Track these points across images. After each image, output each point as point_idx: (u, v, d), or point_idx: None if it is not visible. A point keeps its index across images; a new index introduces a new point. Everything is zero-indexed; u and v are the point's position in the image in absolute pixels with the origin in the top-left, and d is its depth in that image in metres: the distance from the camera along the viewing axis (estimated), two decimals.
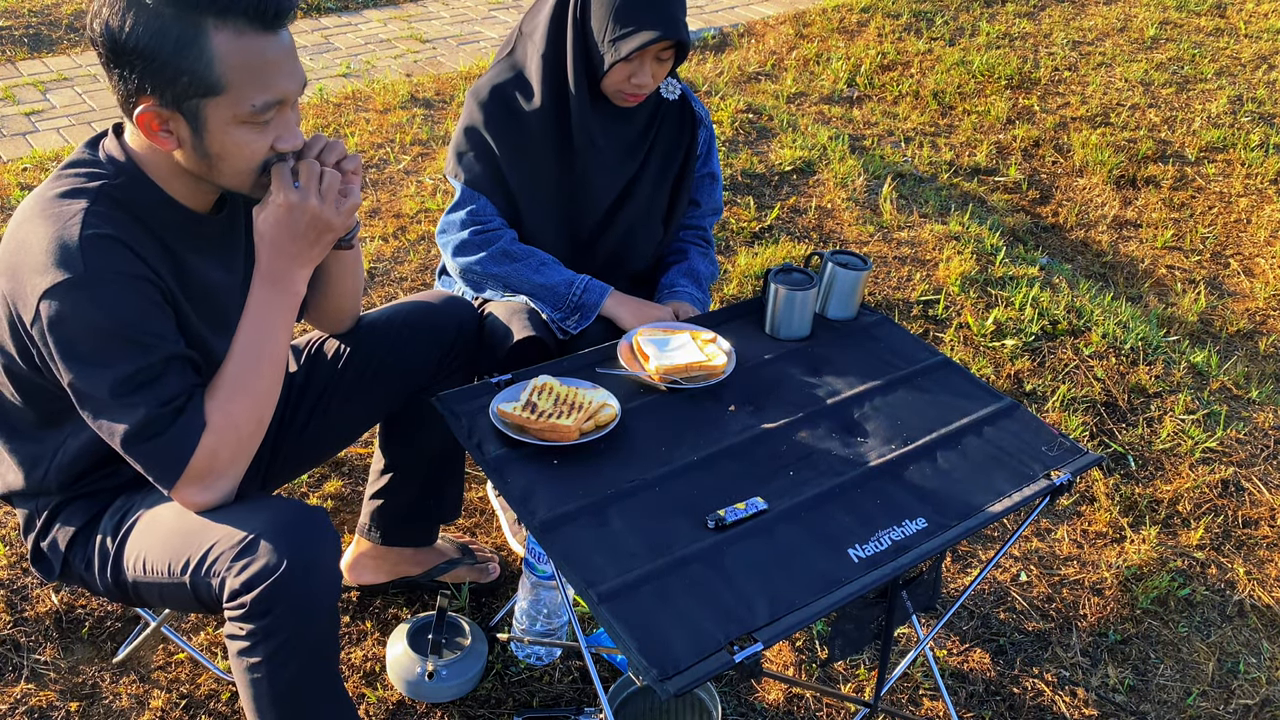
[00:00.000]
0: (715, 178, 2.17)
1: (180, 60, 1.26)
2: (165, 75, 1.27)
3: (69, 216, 1.31)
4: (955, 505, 1.55)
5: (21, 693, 1.91)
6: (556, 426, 1.57)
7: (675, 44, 1.83)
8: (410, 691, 1.94)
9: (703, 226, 2.19)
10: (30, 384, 1.43)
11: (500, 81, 1.94)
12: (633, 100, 1.91)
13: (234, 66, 1.27)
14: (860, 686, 2.06)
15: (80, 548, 1.54)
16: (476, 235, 1.95)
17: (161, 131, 1.33)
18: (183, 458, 1.37)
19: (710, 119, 2.13)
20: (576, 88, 1.88)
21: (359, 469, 2.50)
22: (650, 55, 1.83)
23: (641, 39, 1.77)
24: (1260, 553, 2.47)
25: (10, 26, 5.08)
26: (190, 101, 1.29)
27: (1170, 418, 2.83)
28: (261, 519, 1.37)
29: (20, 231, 1.34)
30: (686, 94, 2.06)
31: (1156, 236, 3.94)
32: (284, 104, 1.35)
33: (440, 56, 5.14)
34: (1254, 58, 5.55)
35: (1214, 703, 2.11)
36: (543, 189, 1.97)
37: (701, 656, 1.27)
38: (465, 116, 1.97)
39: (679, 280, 2.11)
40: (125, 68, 1.28)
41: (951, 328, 3.13)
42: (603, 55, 1.82)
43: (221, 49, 1.26)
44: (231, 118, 1.31)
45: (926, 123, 4.66)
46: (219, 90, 1.28)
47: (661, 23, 1.77)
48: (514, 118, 1.93)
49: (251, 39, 1.28)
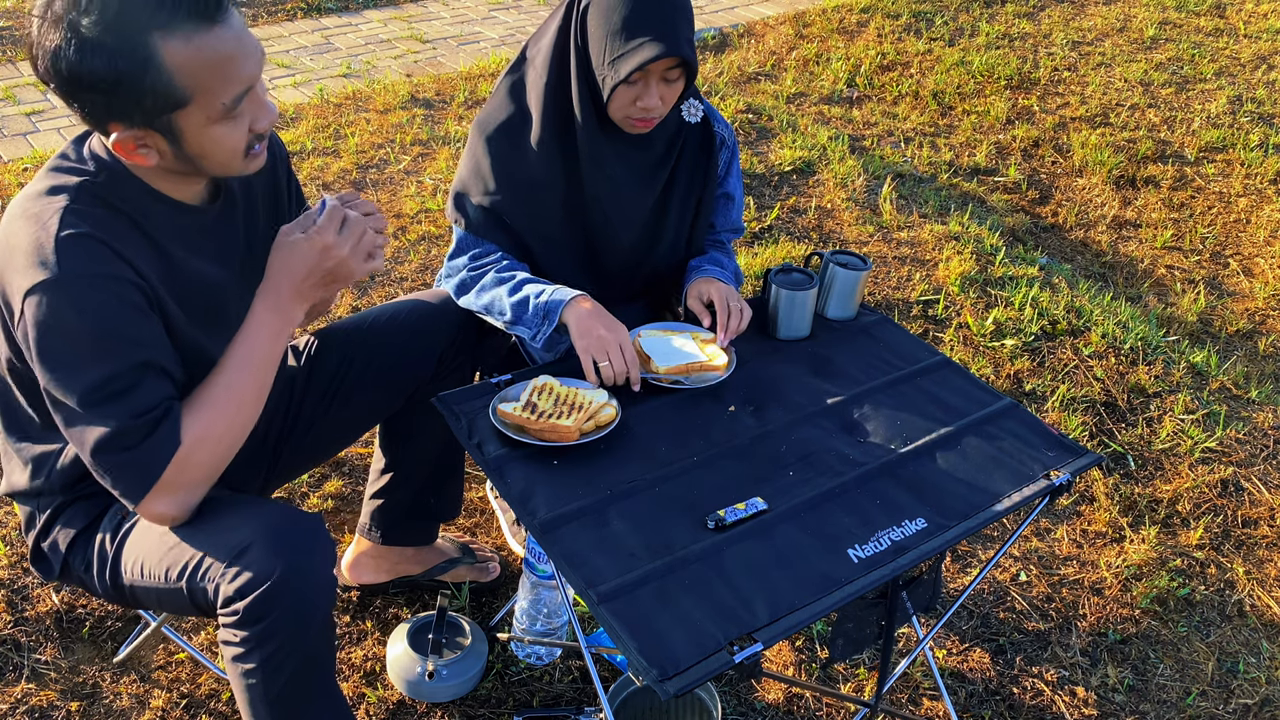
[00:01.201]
0: (732, 198, 2.05)
1: (139, 82, 1.22)
2: (129, 100, 1.23)
3: (48, 215, 1.29)
4: (955, 505, 1.55)
5: (22, 692, 1.91)
6: (556, 426, 1.57)
7: (682, 63, 1.69)
8: (410, 691, 1.95)
9: (719, 241, 2.10)
10: (32, 384, 1.42)
11: (504, 118, 1.82)
12: (642, 126, 1.76)
13: (193, 73, 1.24)
14: (860, 686, 2.07)
15: (80, 549, 1.54)
16: (471, 271, 1.85)
17: (139, 149, 1.30)
18: (153, 473, 1.35)
19: (735, 139, 2.02)
20: (583, 116, 1.76)
21: (359, 469, 2.50)
22: (655, 76, 1.70)
23: (641, 57, 1.63)
24: (1260, 553, 2.47)
25: (10, 27, 5.08)
26: (161, 118, 1.26)
27: (1170, 418, 2.83)
28: (256, 525, 1.37)
29: (6, 231, 1.33)
30: (710, 115, 1.93)
31: (1156, 236, 3.94)
32: (251, 89, 1.32)
33: (440, 57, 5.14)
34: (1253, 58, 5.56)
35: (1213, 702, 2.11)
36: (553, 228, 1.87)
37: (701, 656, 1.27)
38: (469, 154, 1.86)
39: (704, 264, 2.00)
40: (84, 102, 1.24)
41: (951, 328, 3.14)
42: (602, 79, 1.70)
43: (176, 59, 1.22)
44: (205, 120, 1.29)
45: (926, 123, 4.66)
46: (186, 101, 1.25)
47: (662, 39, 1.63)
48: (518, 156, 1.82)
49: (202, 38, 1.23)
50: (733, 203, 2.06)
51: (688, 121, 1.89)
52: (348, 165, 3.88)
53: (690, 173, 1.94)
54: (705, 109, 1.90)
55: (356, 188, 3.76)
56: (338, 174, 3.83)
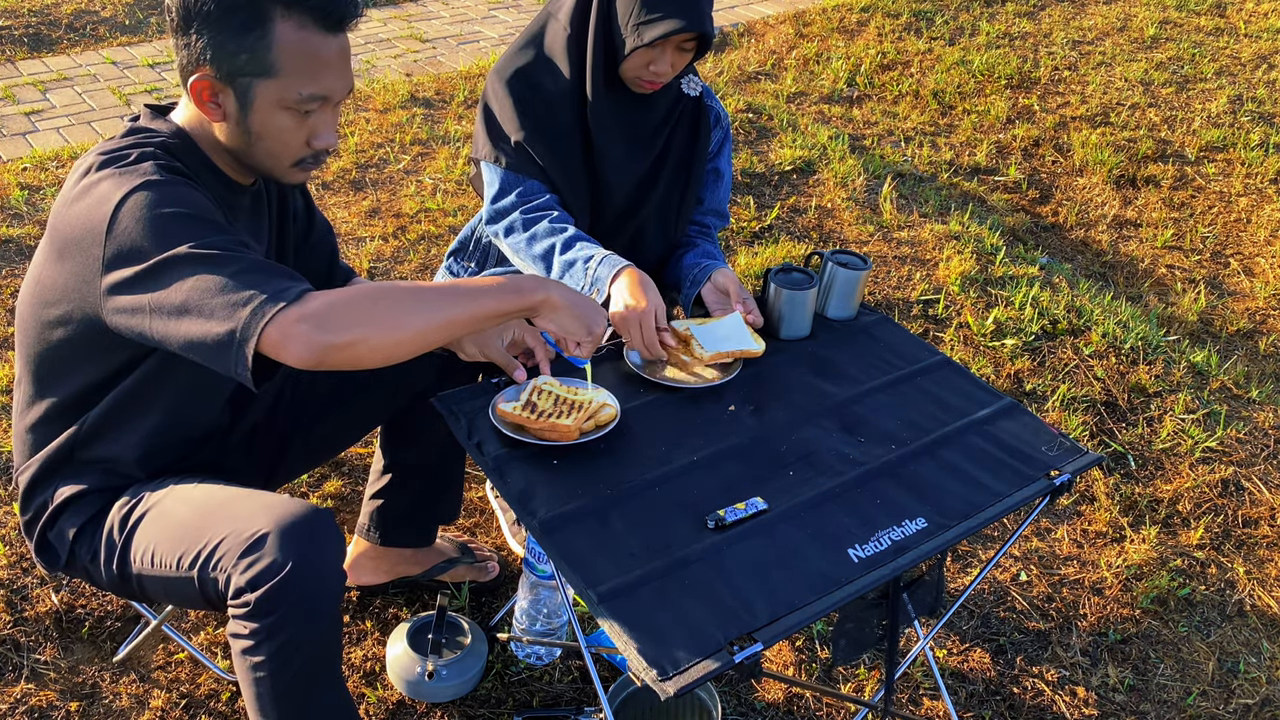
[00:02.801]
0: (720, 174, 2.14)
1: (242, 39, 1.33)
2: (226, 50, 1.34)
3: (133, 167, 1.34)
4: (955, 505, 1.55)
5: (21, 692, 1.91)
6: (556, 426, 1.57)
7: (698, 36, 1.81)
8: (410, 691, 1.94)
9: (704, 223, 2.17)
10: (92, 331, 1.40)
11: (524, 63, 1.91)
12: (649, 87, 1.88)
13: (289, 55, 1.35)
14: (860, 686, 2.07)
15: (87, 539, 1.54)
16: (525, 214, 1.91)
17: (211, 103, 1.39)
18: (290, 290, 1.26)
19: (729, 120, 2.10)
20: (593, 70, 1.86)
21: (359, 469, 2.50)
22: (672, 44, 1.81)
23: (666, 26, 1.75)
24: (1260, 552, 2.47)
25: (10, 26, 5.08)
26: (243, 79, 1.36)
27: (1170, 417, 2.83)
28: (269, 517, 1.37)
29: (88, 181, 1.35)
30: (706, 92, 2.05)
31: (1156, 236, 3.94)
32: (328, 101, 1.42)
33: (440, 56, 5.14)
34: (1254, 57, 5.55)
35: (1214, 702, 2.11)
36: (571, 170, 1.95)
37: (701, 656, 1.27)
38: (492, 98, 1.93)
39: (702, 259, 2.05)
40: (191, 36, 1.35)
41: (951, 327, 3.13)
42: (624, 39, 1.81)
43: (282, 37, 1.34)
44: (277, 101, 1.38)
45: (926, 122, 4.66)
46: (271, 74, 1.36)
47: (688, 13, 1.75)
48: (540, 99, 1.91)
49: (311, 34, 1.36)
50: (721, 180, 2.14)
51: (686, 94, 2.01)
52: (347, 165, 3.88)
53: (684, 142, 2.04)
54: (702, 86, 2.03)
55: (356, 187, 3.76)
56: (337, 174, 3.83)
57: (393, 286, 1.34)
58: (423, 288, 1.36)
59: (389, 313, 1.30)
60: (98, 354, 1.46)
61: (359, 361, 1.28)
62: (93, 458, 1.54)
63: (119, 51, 4.97)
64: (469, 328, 1.38)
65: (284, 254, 1.70)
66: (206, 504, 1.47)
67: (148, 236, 1.28)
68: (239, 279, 1.26)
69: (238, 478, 1.61)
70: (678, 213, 2.09)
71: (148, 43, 5.09)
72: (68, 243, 1.36)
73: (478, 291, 1.39)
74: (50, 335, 1.46)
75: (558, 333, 1.54)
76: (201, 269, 1.27)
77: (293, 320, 1.23)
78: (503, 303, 1.42)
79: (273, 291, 1.25)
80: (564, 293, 1.50)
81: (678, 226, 2.11)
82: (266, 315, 1.23)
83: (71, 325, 1.42)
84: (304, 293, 1.27)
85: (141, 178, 1.32)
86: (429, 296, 1.34)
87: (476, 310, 1.38)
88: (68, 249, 1.36)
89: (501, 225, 1.92)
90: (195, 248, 1.27)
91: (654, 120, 1.98)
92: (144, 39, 5.13)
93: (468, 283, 1.41)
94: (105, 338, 1.39)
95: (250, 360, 1.24)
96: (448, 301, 1.36)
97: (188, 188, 1.35)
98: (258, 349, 1.24)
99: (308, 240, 1.77)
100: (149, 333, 1.30)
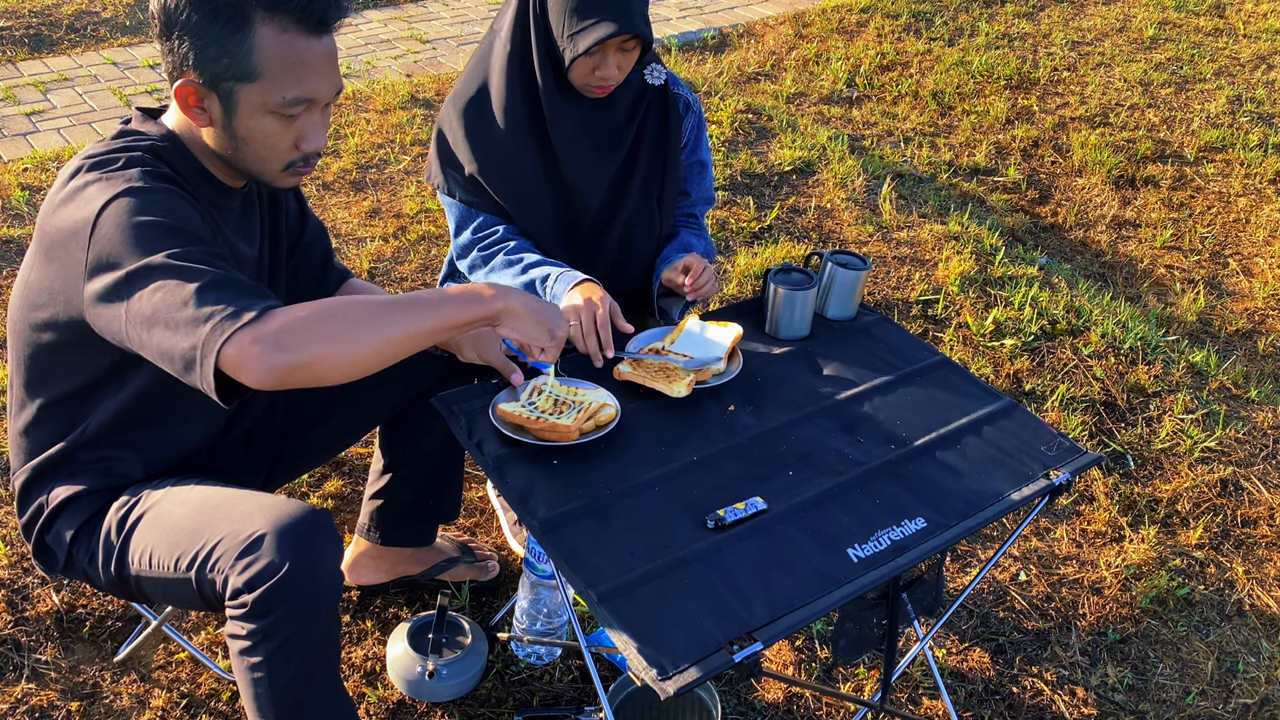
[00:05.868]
0: (705, 165, 2.13)
1: (224, 43, 1.33)
2: (208, 55, 1.34)
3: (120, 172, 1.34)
4: (954, 505, 1.55)
5: (22, 692, 1.91)
6: (556, 426, 1.57)
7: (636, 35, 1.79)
8: (410, 691, 1.95)
9: (693, 214, 2.16)
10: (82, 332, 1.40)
11: (475, 89, 1.90)
12: (600, 92, 1.87)
13: (271, 59, 1.35)
14: (860, 686, 2.07)
15: (85, 541, 1.55)
16: (481, 251, 1.93)
17: (196, 108, 1.40)
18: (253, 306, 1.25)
19: (700, 105, 2.09)
20: (544, 82, 1.85)
21: (359, 469, 2.50)
22: (612, 47, 1.79)
23: (599, 33, 1.73)
24: (1259, 552, 2.47)
25: (10, 26, 5.08)
26: (226, 83, 1.36)
27: (1169, 417, 2.83)
28: (266, 517, 1.37)
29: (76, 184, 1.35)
30: (671, 79, 2.02)
31: (1155, 236, 3.94)
32: (313, 104, 1.41)
33: (440, 57, 5.14)
34: (1253, 58, 5.56)
35: (1213, 702, 2.12)
36: (531, 194, 1.94)
37: (701, 656, 1.27)
38: (446, 127, 1.93)
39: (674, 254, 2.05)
40: (174, 41, 1.35)
41: (951, 327, 3.14)
42: (563, 50, 1.79)
43: (264, 40, 1.34)
44: (261, 105, 1.38)
45: (926, 123, 4.66)
46: (253, 77, 1.35)
47: (619, 16, 1.73)
48: (492, 124, 1.90)
49: (294, 37, 1.35)
50: (706, 170, 2.13)
51: (650, 84, 1.98)
52: (348, 165, 3.89)
53: (656, 133, 2.02)
54: (667, 74, 2.00)
55: (356, 188, 3.76)
56: (338, 174, 3.83)
57: (354, 301, 1.32)
58: (383, 301, 1.34)
59: (348, 329, 1.28)
60: (86, 355, 1.46)
61: (321, 379, 1.27)
62: (92, 458, 1.55)
63: (119, 52, 4.98)
64: (431, 339, 1.37)
65: (277, 256, 1.70)
66: (204, 505, 1.47)
67: (125, 244, 1.29)
68: (203, 294, 1.25)
69: (236, 478, 1.61)
70: (660, 206, 2.07)
71: (148, 43, 5.09)
72: (54, 245, 1.36)
73: (439, 302, 1.39)
74: (39, 337, 1.46)
75: (520, 340, 1.52)
76: (171, 280, 1.26)
77: (249, 341, 1.22)
78: (464, 312, 1.41)
79: (236, 308, 1.24)
80: (523, 299, 1.48)
81: (661, 220, 2.09)
82: (225, 332, 1.22)
83: (59, 327, 1.43)
84: (266, 310, 1.25)
85: (126, 184, 1.32)
86: (389, 310, 1.33)
87: (438, 322, 1.37)
88: (53, 251, 1.37)
89: (465, 263, 1.97)
90: (170, 258, 1.27)
91: (619, 117, 1.96)
92: (144, 40, 5.13)
93: (430, 294, 1.41)
94: (93, 339, 1.39)
95: (213, 378, 1.24)
96: (407, 315, 1.34)
97: (172, 195, 1.35)
98: (218, 367, 1.23)
99: (301, 241, 1.77)
100: (128, 340, 1.31)
